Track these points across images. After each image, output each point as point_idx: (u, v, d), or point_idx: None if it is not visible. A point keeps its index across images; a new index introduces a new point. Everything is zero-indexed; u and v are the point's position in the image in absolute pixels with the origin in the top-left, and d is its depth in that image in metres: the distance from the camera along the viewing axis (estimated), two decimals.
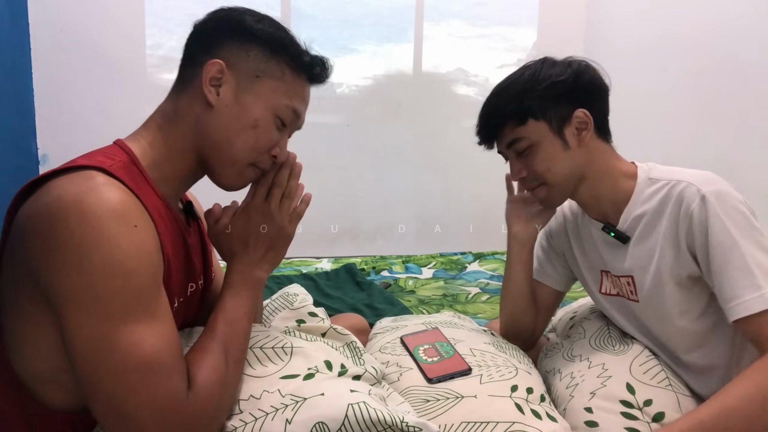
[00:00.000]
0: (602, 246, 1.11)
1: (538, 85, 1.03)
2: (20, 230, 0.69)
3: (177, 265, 0.83)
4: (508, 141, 1.07)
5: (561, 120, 1.03)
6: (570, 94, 1.03)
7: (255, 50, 0.84)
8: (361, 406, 0.77)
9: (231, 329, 0.81)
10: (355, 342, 1.01)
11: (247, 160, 0.86)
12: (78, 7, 2.35)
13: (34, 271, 0.67)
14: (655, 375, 1.01)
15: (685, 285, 0.99)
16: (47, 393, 0.74)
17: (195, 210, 0.97)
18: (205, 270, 0.99)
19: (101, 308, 0.65)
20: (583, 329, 1.20)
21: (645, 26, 2.79)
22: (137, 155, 0.80)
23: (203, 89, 0.82)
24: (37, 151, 2.34)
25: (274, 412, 0.77)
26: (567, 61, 1.07)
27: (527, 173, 1.08)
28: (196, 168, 0.87)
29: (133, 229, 0.68)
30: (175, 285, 0.82)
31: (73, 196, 0.66)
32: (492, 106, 1.09)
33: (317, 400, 0.78)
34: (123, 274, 0.66)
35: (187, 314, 0.94)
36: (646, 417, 0.94)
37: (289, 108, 0.87)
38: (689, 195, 0.95)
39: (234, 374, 0.79)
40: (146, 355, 0.66)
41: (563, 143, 1.04)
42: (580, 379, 1.04)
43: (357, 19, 2.76)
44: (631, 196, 1.04)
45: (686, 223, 0.94)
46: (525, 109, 1.04)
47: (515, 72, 1.10)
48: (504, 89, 1.08)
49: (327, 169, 2.60)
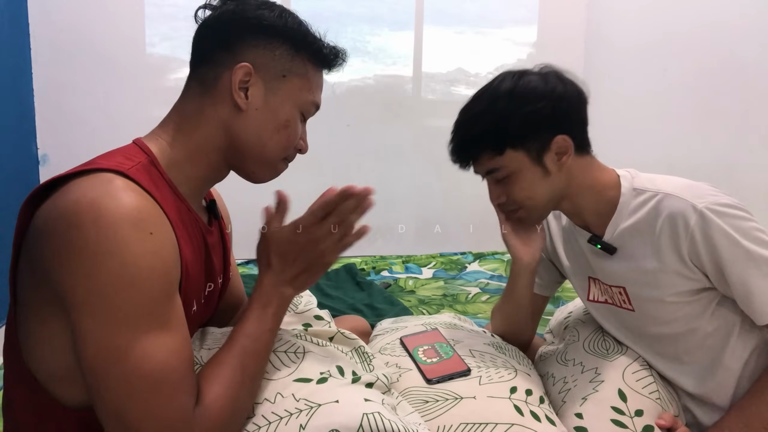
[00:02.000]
0: (589, 254, 1.10)
1: (515, 114, 0.98)
2: (37, 231, 0.68)
3: (196, 268, 0.82)
4: (485, 169, 1.05)
5: (540, 148, 1.00)
6: (549, 122, 0.99)
7: (280, 49, 0.83)
8: (376, 416, 0.76)
9: (252, 345, 0.78)
10: (363, 347, 1.01)
11: (280, 157, 0.87)
12: (78, 7, 2.35)
13: (48, 273, 0.66)
14: (648, 385, 1.01)
15: (689, 296, 0.98)
16: (62, 391, 0.73)
17: (217, 209, 0.95)
18: (224, 269, 0.98)
19: (112, 317, 0.64)
20: (576, 332, 1.19)
21: (645, 26, 2.79)
22: (156, 155, 0.79)
23: (232, 94, 0.80)
24: (37, 151, 2.34)
25: (288, 417, 0.77)
26: (543, 78, 1.01)
27: (506, 199, 1.05)
28: (219, 168, 0.86)
29: (149, 237, 0.67)
30: (193, 288, 0.81)
31: (90, 200, 0.65)
32: (467, 133, 1.04)
33: (332, 407, 0.77)
34: (136, 284, 0.65)
35: (205, 314, 0.93)
36: (637, 427, 0.94)
37: (312, 103, 0.88)
38: (684, 210, 0.93)
39: (249, 392, 0.77)
40: (154, 368, 0.65)
41: (543, 170, 1.01)
42: (572, 384, 1.04)
43: (357, 18, 2.76)
44: (615, 207, 1.02)
45: (688, 241, 0.93)
46: (502, 140, 1.00)
47: (488, 87, 1.04)
48: (479, 115, 1.02)
49: (327, 169, 2.60)
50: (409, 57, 2.80)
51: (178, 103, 0.85)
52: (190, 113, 0.83)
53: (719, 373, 1.00)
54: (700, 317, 0.99)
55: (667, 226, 0.95)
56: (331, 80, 2.68)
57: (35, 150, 2.34)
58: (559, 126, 1.00)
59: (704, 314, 0.99)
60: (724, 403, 1.00)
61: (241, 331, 0.79)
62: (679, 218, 0.93)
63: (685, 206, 0.93)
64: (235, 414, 0.74)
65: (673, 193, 0.96)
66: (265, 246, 0.85)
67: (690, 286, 0.97)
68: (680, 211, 0.93)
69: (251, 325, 0.80)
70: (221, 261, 0.96)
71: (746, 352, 0.99)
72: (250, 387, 0.77)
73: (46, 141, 2.35)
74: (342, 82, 2.72)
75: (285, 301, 0.85)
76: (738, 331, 0.99)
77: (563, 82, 1.01)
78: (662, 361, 1.05)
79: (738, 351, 0.99)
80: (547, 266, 1.25)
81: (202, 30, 0.85)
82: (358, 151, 2.77)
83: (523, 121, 0.98)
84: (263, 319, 0.81)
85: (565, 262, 1.18)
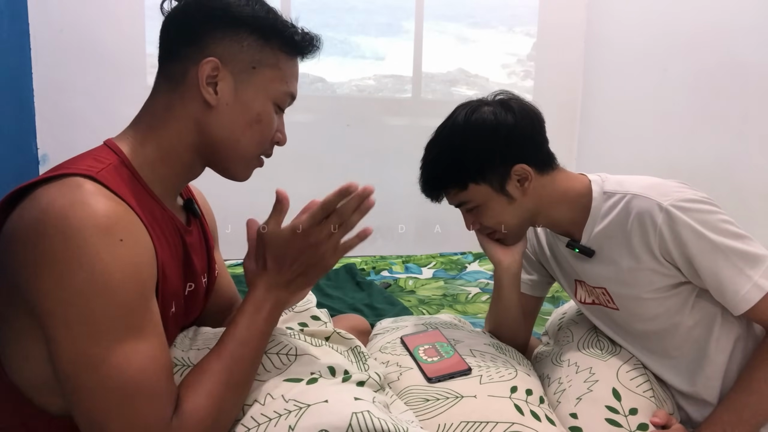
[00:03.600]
0: (570, 258, 1.13)
1: (470, 150, 1.03)
2: (7, 240, 0.67)
3: (173, 269, 0.80)
4: (454, 203, 1.10)
5: (501, 179, 1.03)
6: (504, 154, 1.03)
7: (248, 39, 0.80)
8: (366, 415, 0.76)
9: (240, 351, 0.76)
10: (359, 347, 1.00)
11: (255, 153, 0.85)
12: (78, 7, 2.35)
13: (19, 283, 0.65)
14: (642, 384, 1.02)
15: (666, 291, 1.00)
16: (45, 399, 0.72)
17: (196, 206, 0.93)
18: (208, 268, 0.96)
19: (84, 327, 0.63)
20: (570, 332, 1.20)
21: (645, 26, 2.79)
22: (128, 155, 0.77)
23: (200, 90, 0.78)
24: (37, 151, 2.34)
25: (278, 418, 0.76)
26: (493, 110, 1.04)
27: (480, 225, 1.11)
28: (193, 165, 0.84)
29: (119, 245, 0.65)
30: (170, 290, 0.79)
31: (58, 209, 0.64)
32: (430, 173, 1.09)
33: (321, 407, 0.77)
34: (107, 293, 0.64)
35: (188, 314, 0.92)
36: (631, 425, 0.94)
37: (286, 93, 0.85)
38: (650, 210, 0.96)
39: (233, 400, 0.76)
40: (129, 377, 0.64)
41: (508, 198, 1.05)
42: (567, 385, 1.04)
43: (357, 18, 2.76)
44: (588, 212, 1.05)
45: (658, 238, 0.95)
46: (463, 176, 1.04)
47: (446, 128, 1.08)
48: (438, 155, 1.07)
49: (327, 169, 2.60)
50: (409, 57, 2.80)
51: (148, 101, 0.83)
52: (159, 111, 0.81)
53: (707, 367, 1.01)
54: (681, 311, 1.01)
55: (636, 225, 0.98)
56: (331, 80, 2.69)
57: (35, 150, 2.34)
58: (515, 156, 1.02)
59: (684, 308, 1.01)
60: (713, 398, 1.01)
61: (230, 335, 0.77)
62: (647, 217, 0.96)
63: (651, 205, 0.95)
64: (217, 422, 0.72)
65: (640, 193, 0.98)
66: (262, 247, 0.82)
67: (666, 281, 0.99)
68: (647, 210, 0.96)
69: (241, 328, 0.78)
70: (204, 260, 0.94)
71: (730, 343, 1.00)
72: (235, 395, 0.76)
73: (46, 141, 2.35)
74: (342, 82, 2.72)
75: (279, 304, 0.83)
76: (720, 321, 1.00)
77: (513, 111, 1.04)
78: (653, 358, 1.06)
79: (722, 342, 1.00)
80: (537, 267, 1.26)
81: (167, 23, 0.82)
82: (358, 151, 2.77)
83: (479, 157, 1.02)
84: (255, 322, 0.79)
85: (554, 266, 1.21)
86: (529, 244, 1.25)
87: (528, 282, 1.26)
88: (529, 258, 1.26)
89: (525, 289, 1.26)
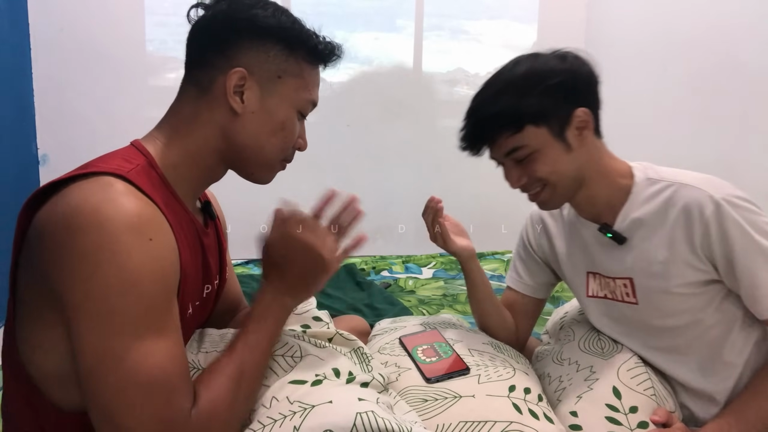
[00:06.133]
0: (595, 247, 1.09)
1: (533, 87, 0.96)
2: (37, 234, 0.68)
3: (193, 270, 0.82)
4: (504, 151, 1.00)
5: (561, 122, 0.97)
6: (569, 94, 0.97)
7: (274, 50, 0.82)
8: (370, 415, 0.76)
9: (250, 353, 0.78)
10: (362, 348, 1.01)
11: (278, 158, 0.88)
12: (78, 7, 2.35)
13: (48, 276, 0.66)
14: (642, 382, 1.01)
15: (696, 288, 0.98)
16: (59, 394, 0.73)
17: (213, 209, 0.96)
18: (220, 270, 0.98)
19: (110, 322, 0.64)
20: (572, 331, 1.19)
21: (645, 26, 2.79)
22: (154, 157, 0.79)
23: (227, 98, 0.80)
24: (37, 151, 2.35)
25: (282, 419, 0.77)
26: (560, 55, 1.01)
27: (528, 179, 1.01)
28: (216, 169, 0.86)
29: (148, 243, 0.67)
30: (190, 290, 0.82)
31: (91, 206, 0.65)
32: (482, 112, 1.00)
33: (325, 408, 0.78)
34: (134, 289, 0.65)
35: (201, 316, 0.93)
36: (631, 423, 0.94)
37: (309, 101, 0.88)
38: (700, 200, 0.93)
39: (245, 399, 0.77)
40: (150, 373, 0.65)
41: (565, 145, 0.98)
42: (567, 383, 1.04)
43: (356, 18, 2.76)
44: (627, 196, 1.02)
45: (701, 230, 0.93)
46: (522, 117, 0.96)
47: (504, 69, 1.02)
48: (496, 93, 0.99)
49: (327, 169, 2.60)
50: (408, 57, 2.80)
51: (175, 104, 0.85)
52: (186, 116, 0.83)
53: (719, 368, 1.00)
54: (704, 310, 0.99)
55: (682, 215, 0.95)
56: (331, 80, 2.68)
57: (35, 150, 2.34)
58: (579, 99, 0.98)
59: (708, 307, 0.99)
60: (722, 397, 1.00)
61: (240, 341, 0.79)
62: (695, 208, 0.94)
63: (702, 196, 0.93)
64: (230, 421, 0.74)
65: (691, 183, 0.96)
66: (263, 258, 0.87)
67: (698, 277, 0.97)
68: (696, 200, 0.94)
69: (250, 334, 0.80)
70: (217, 262, 0.96)
71: (747, 348, 0.99)
72: (246, 395, 0.77)
73: (46, 141, 2.35)
74: (342, 82, 2.72)
75: (284, 311, 0.86)
76: (739, 325, 0.99)
77: (579, 60, 1.01)
78: (660, 356, 1.05)
79: (738, 346, 1.00)
80: (541, 268, 1.24)
81: (195, 31, 0.84)
82: (358, 151, 2.77)
83: (543, 96, 0.96)
84: (262, 328, 0.82)
85: (564, 260, 1.18)
86: (532, 244, 1.24)
87: (531, 284, 1.24)
88: (531, 258, 1.25)
89: (525, 291, 1.25)
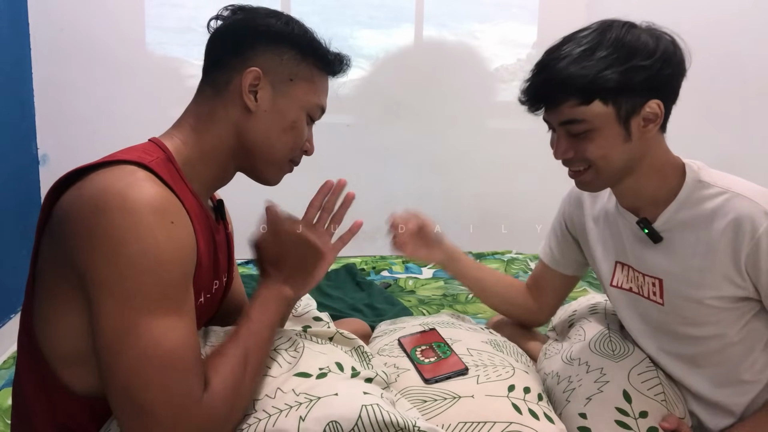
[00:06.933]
0: (629, 238, 1.05)
1: (618, 62, 0.88)
2: (62, 216, 0.72)
3: (207, 262, 0.86)
4: (563, 119, 0.93)
5: (631, 109, 0.90)
6: (650, 83, 0.89)
7: (287, 54, 0.88)
8: (375, 408, 0.78)
9: (253, 339, 0.82)
10: (362, 347, 1.01)
11: (287, 158, 0.93)
12: (78, 7, 2.35)
13: (72, 256, 0.69)
14: (653, 387, 1.00)
15: (729, 302, 0.95)
16: (71, 376, 0.76)
17: (224, 209, 1.00)
18: (228, 268, 1.02)
19: (131, 298, 0.67)
20: (583, 331, 1.19)
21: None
22: (173, 153, 0.83)
23: (242, 96, 0.85)
24: (37, 151, 2.35)
25: (288, 410, 0.78)
26: (656, 35, 0.92)
27: (575, 155, 0.95)
28: (229, 168, 0.91)
29: (171, 225, 0.71)
30: (203, 280, 0.85)
31: (117, 188, 0.69)
32: (554, 71, 0.91)
33: (331, 400, 0.79)
34: (157, 268, 0.68)
35: (208, 312, 0.97)
36: (641, 428, 0.93)
37: (318, 106, 0.93)
38: (754, 215, 0.88)
39: (250, 382, 0.80)
40: (168, 350, 0.68)
41: (626, 133, 0.92)
42: (577, 384, 1.03)
43: (356, 18, 2.76)
44: (674, 196, 0.97)
45: (750, 247, 0.89)
46: (594, 91, 0.89)
47: (589, 30, 0.94)
48: (575, 57, 0.90)
49: (327, 169, 2.59)
50: (409, 57, 2.80)
51: (192, 105, 0.90)
52: (203, 114, 0.88)
53: (734, 384, 0.98)
54: (731, 326, 0.96)
55: (731, 227, 0.90)
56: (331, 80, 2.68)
57: (35, 150, 2.34)
58: (658, 91, 0.91)
59: (736, 324, 0.96)
60: (738, 409, 0.98)
61: (243, 327, 0.83)
62: (747, 221, 0.89)
63: (757, 210, 0.89)
64: (237, 402, 0.76)
65: (747, 195, 0.91)
66: (258, 259, 0.93)
67: (734, 292, 0.93)
68: (750, 214, 0.89)
69: (253, 321, 0.84)
70: (226, 260, 0.99)
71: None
72: (252, 378, 0.80)
73: (46, 141, 2.35)
74: (342, 81, 2.72)
75: (284, 299, 0.90)
76: (762, 346, 0.97)
77: (675, 46, 0.93)
78: (675, 362, 1.03)
79: (758, 366, 0.97)
80: (572, 245, 1.22)
81: (214, 38, 0.90)
82: (358, 151, 2.77)
83: (624, 76, 0.88)
84: (264, 314, 0.86)
85: (594, 243, 1.13)
86: (570, 226, 1.22)
87: (560, 259, 1.24)
88: (564, 234, 1.23)
89: (553, 264, 1.24)
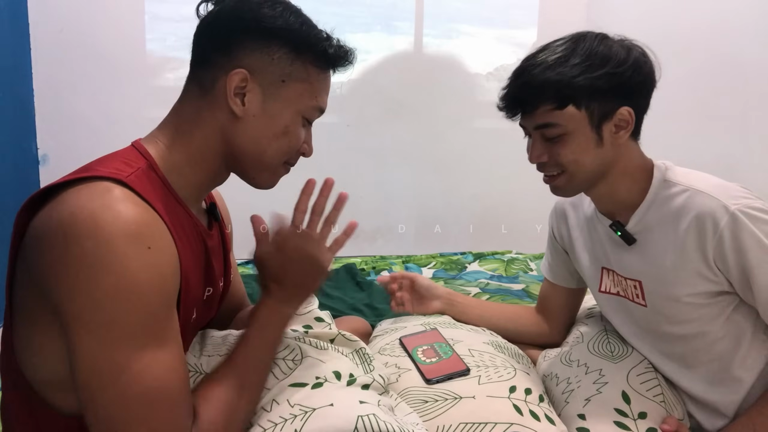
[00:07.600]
0: (607, 243, 1.07)
1: (591, 69, 0.92)
2: (34, 240, 0.67)
3: (196, 277, 0.81)
4: (539, 122, 0.97)
5: (603, 114, 0.94)
6: (623, 89, 0.94)
7: (279, 52, 0.79)
8: (371, 418, 0.77)
9: (251, 363, 0.79)
10: (363, 348, 1.01)
11: (280, 163, 0.86)
12: (78, 7, 2.34)
13: (44, 283, 0.65)
14: (652, 388, 1.00)
15: (706, 298, 0.96)
16: (57, 398, 0.72)
17: (218, 211, 0.94)
18: (225, 272, 0.97)
19: (108, 332, 0.63)
20: (581, 333, 1.19)
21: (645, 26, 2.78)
22: (156, 159, 0.77)
23: (227, 100, 0.78)
24: (37, 151, 2.34)
25: (283, 423, 0.77)
26: (627, 46, 0.96)
27: (548, 159, 0.98)
28: (220, 172, 0.84)
29: (147, 252, 0.65)
30: (192, 297, 0.80)
31: (87, 213, 0.63)
32: (531, 77, 0.95)
33: (326, 411, 0.78)
34: (133, 299, 0.64)
35: (204, 319, 0.93)
36: (640, 429, 0.93)
37: (314, 108, 0.85)
38: (715, 210, 0.90)
39: (245, 409, 0.77)
40: (151, 386, 0.64)
41: (598, 139, 0.95)
42: (576, 385, 1.03)
43: (356, 19, 2.76)
44: (644, 197, 1.00)
45: (715, 242, 0.90)
46: (568, 95, 0.93)
47: (564, 40, 0.97)
48: (549, 64, 0.94)
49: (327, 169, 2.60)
50: (409, 57, 2.80)
51: (177, 104, 0.83)
52: (188, 116, 0.80)
53: (727, 381, 0.98)
54: (714, 321, 0.97)
55: (694, 224, 0.92)
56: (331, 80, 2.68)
57: (35, 150, 2.34)
58: (629, 98, 0.95)
59: (718, 319, 0.97)
60: (730, 410, 0.98)
61: (241, 350, 0.79)
62: (708, 218, 0.90)
63: (717, 206, 0.90)
64: (231, 428, 0.73)
65: (705, 190, 0.93)
66: (259, 271, 0.87)
67: (709, 288, 0.94)
68: (710, 210, 0.90)
69: (250, 344, 0.80)
70: (221, 264, 0.95)
71: (759, 363, 0.97)
72: (247, 403, 0.77)
73: (46, 141, 2.35)
74: (342, 81, 2.72)
75: (284, 319, 0.87)
76: (749, 338, 0.97)
77: (645, 58, 0.97)
78: (668, 363, 1.04)
79: (749, 361, 0.97)
80: (561, 257, 1.23)
81: (200, 29, 0.82)
82: (358, 151, 2.76)
83: (596, 82, 0.92)
84: (262, 337, 0.82)
85: (580, 252, 1.15)
86: (554, 232, 1.23)
87: (559, 272, 1.24)
88: (555, 247, 1.24)
89: (555, 279, 1.24)
